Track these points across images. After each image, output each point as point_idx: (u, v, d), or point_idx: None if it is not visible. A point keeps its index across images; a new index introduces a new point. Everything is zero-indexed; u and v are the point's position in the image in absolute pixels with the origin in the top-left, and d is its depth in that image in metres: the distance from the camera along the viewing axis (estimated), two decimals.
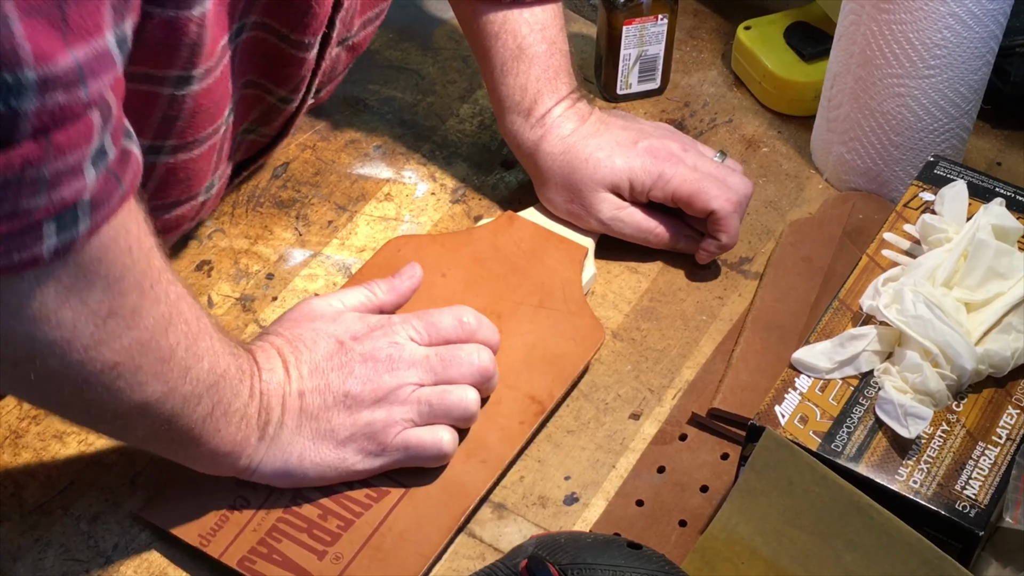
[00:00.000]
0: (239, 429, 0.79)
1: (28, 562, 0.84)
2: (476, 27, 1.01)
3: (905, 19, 0.96)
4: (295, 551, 0.82)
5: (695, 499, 0.88)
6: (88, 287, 0.65)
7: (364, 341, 0.86)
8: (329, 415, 0.83)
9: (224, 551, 0.82)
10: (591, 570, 0.73)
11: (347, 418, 0.83)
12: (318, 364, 0.84)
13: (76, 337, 0.66)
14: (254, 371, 0.81)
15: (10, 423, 0.90)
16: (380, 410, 0.84)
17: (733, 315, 0.99)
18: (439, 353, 0.87)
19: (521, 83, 1.00)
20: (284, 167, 1.09)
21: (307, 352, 0.84)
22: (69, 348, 0.67)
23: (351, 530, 0.83)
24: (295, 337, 0.85)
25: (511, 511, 0.87)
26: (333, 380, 0.84)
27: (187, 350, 0.74)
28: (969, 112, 1.02)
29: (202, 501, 0.84)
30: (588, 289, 1.00)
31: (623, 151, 0.99)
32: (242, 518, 0.84)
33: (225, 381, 0.77)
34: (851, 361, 0.83)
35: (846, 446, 0.80)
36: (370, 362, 0.85)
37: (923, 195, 0.94)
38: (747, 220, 1.06)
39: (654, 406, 0.94)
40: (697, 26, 1.23)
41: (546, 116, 1.00)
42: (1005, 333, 0.83)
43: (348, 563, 0.82)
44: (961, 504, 0.77)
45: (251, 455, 0.81)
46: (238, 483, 0.84)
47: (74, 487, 0.88)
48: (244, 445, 0.80)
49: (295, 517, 0.84)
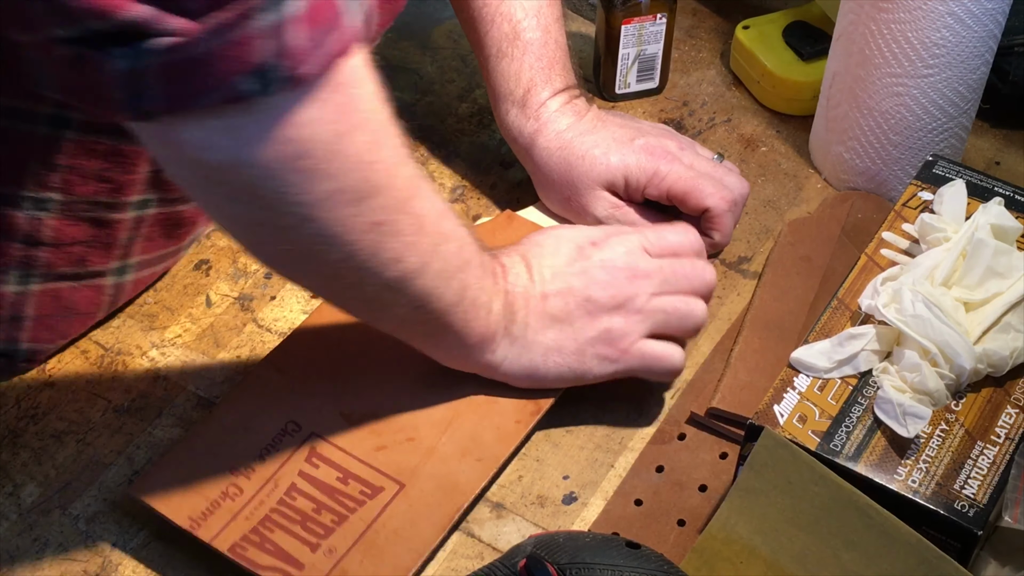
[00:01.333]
0: (487, 322, 0.83)
1: (26, 562, 0.84)
2: (472, 12, 1.01)
3: (904, 18, 0.96)
4: (288, 542, 0.82)
5: (694, 498, 0.88)
6: (351, 129, 0.68)
7: (603, 247, 0.89)
8: (571, 318, 0.86)
9: (215, 536, 0.82)
10: (590, 569, 0.73)
11: (588, 322, 0.87)
12: (560, 269, 0.87)
13: (347, 182, 0.69)
14: (498, 270, 0.85)
15: (8, 422, 0.90)
16: (618, 316, 0.87)
17: (732, 314, 0.99)
18: (672, 265, 0.90)
19: (515, 69, 1.00)
20: None
21: (550, 257, 0.88)
22: (340, 196, 0.70)
23: (345, 525, 0.83)
24: (537, 243, 0.89)
25: (509, 510, 0.87)
26: (575, 284, 0.87)
27: (435, 224, 0.77)
28: (968, 111, 1.02)
29: (194, 485, 0.84)
30: None
31: (619, 148, 0.99)
32: (234, 505, 0.84)
33: (471, 268, 0.81)
34: (850, 360, 0.83)
35: (845, 445, 0.80)
36: (609, 268, 0.88)
37: (922, 194, 0.94)
38: (745, 219, 1.06)
39: (653, 405, 0.94)
40: (696, 25, 1.23)
41: (541, 108, 1.00)
42: (1004, 332, 0.83)
43: (341, 557, 0.82)
44: (960, 503, 0.77)
45: (496, 350, 0.85)
46: (232, 470, 0.84)
47: (72, 487, 0.88)
48: (491, 339, 0.84)
49: (289, 509, 0.84)
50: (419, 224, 0.76)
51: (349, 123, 0.68)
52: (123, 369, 0.94)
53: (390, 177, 0.73)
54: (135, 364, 0.94)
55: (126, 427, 0.91)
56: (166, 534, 0.84)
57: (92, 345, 0.95)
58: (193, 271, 1.01)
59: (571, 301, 0.87)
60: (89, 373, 0.94)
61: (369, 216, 0.72)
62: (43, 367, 0.94)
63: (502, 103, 1.01)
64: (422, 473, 0.86)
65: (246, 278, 1.01)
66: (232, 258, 1.02)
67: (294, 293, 1.00)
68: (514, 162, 1.09)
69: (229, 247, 1.03)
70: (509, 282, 0.86)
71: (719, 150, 1.04)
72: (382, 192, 0.72)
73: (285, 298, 0.99)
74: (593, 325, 0.87)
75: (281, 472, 0.85)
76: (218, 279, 1.01)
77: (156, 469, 0.85)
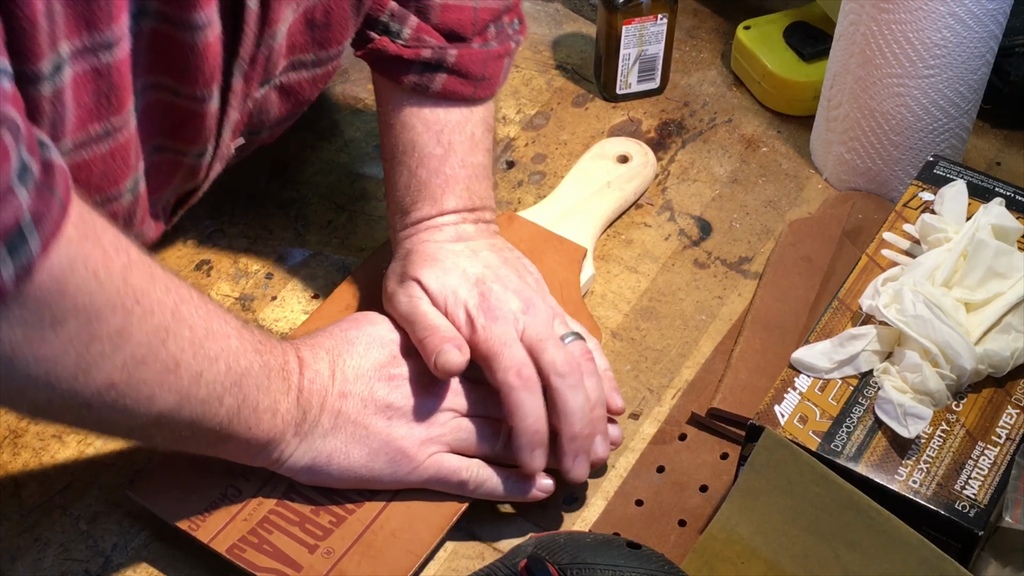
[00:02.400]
0: (272, 424, 0.79)
1: (27, 562, 0.84)
2: (379, 108, 0.95)
3: (905, 19, 0.96)
4: (286, 543, 0.82)
5: (694, 499, 0.88)
6: (58, 320, 0.64)
7: (416, 358, 0.85)
8: (367, 422, 0.83)
9: (213, 537, 0.82)
10: (590, 570, 0.73)
11: (384, 429, 0.83)
12: (365, 371, 0.84)
13: (59, 368, 0.66)
14: (292, 366, 0.81)
15: (9, 422, 0.90)
16: (419, 428, 0.84)
17: (732, 315, 0.99)
18: (483, 387, 0.86)
19: (404, 182, 0.92)
20: (284, 167, 1.09)
21: (358, 358, 0.84)
22: (56, 380, 0.66)
23: (343, 526, 0.83)
24: (348, 340, 0.85)
25: (510, 511, 0.87)
26: (377, 390, 0.84)
27: (195, 355, 0.73)
28: (969, 112, 1.02)
29: (192, 487, 0.84)
30: (586, 290, 1.00)
31: (464, 278, 0.88)
32: (233, 507, 0.84)
33: (249, 378, 0.77)
34: (850, 361, 0.83)
35: (845, 446, 0.80)
36: (417, 381, 0.85)
37: (923, 195, 0.94)
38: (746, 219, 1.06)
39: (653, 406, 0.94)
40: (697, 26, 1.23)
41: (423, 222, 0.92)
42: (1004, 333, 0.83)
43: (339, 558, 0.82)
44: (961, 504, 0.77)
45: (283, 449, 0.81)
46: (231, 472, 0.84)
47: (73, 487, 0.88)
48: (278, 440, 0.80)
49: (287, 510, 0.84)
50: (173, 364, 0.71)
51: (61, 316, 0.64)
52: None
53: (123, 339, 0.68)
54: None
55: None
56: (167, 534, 0.84)
57: None
58: (194, 271, 1.01)
59: (371, 406, 0.83)
60: None
61: (102, 379, 0.68)
62: None
63: (389, 204, 0.94)
64: None
65: (247, 278, 1.01)
66: (233, 258, 1.02)
67: (295, 293, 1.00)
68: (515, 163, 1.09)
69: (230, 248, 1.03)
70: (306, 379, 0.81)
71: (576, 332, 0.88)
72: (113, 356, 0.68)
73: (286, 298, 0.99)
74: (388, 432, 0.83)
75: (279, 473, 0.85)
76: (219, 279, 1.01)
77: (155, 471, 0.85)
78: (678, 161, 1.11)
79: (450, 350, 0.83)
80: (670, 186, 1.09)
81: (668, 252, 1.04)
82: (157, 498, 0.84)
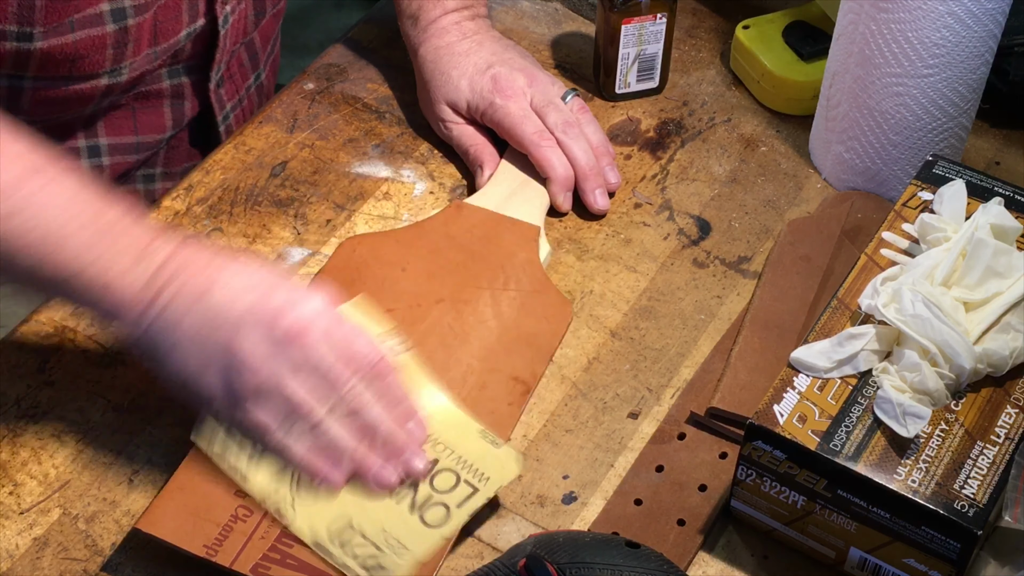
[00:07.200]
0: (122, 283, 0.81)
1: (26, 561, 0.84)
2: None
3: (904, 18, 0.96)
4: (308, 555, 0.81)
5: (693, 498, 0.88)
6: None
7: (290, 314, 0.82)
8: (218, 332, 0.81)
9: (234, 559, 0.81)
10: (589, 569, 0.73)
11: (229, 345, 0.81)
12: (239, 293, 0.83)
13: None
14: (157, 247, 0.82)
15: (8, 422, 0.90)
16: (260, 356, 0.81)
17: (732, 314, 0.99)
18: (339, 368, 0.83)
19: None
20: (282, 166, 1.09)
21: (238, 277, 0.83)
22: None
23: None
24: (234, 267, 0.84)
25: (509, 510, 0.87)
26: None
27: None
28: (968, 111, 1.02)
29: (202, 512, 0.83)
30: (545, 265, 1.01)
31: (473, 74, 1.07)
32: (247, 527, 0.82)
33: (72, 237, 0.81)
34: (850, 360, 0.83)
35: (844, 445, 0.80)
36: None
37: (922, 194, 0.94)
38: (745, 219, 1.06)
39: (652, 405, 0.94)
40: (696, 25, 1.23)
41: (430, 25, 1.09)
42: (1003, 332, 0.83)
43: None
44: (960, 503, 0.77)
45: (138, 322, 0.82)
46: (237, 493, 0.83)
47: (72, 486, 0.88)
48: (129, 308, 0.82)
49: None
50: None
51: None
52: (123, 369, 0.94)
53: None
54: (135, 364, 0.94)
55: (126, 426, 0.91)
56: (179, 559, 0.84)
57: (92, 345, 0.95)
58: None
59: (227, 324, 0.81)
60: (89, 373, 0.94)
61: None
62: (43, 366, 0.94)
63: (400, 16, 1.11)
64: None
65: None
66: None
67: None
68: None
69: (229, 247, 1.03)
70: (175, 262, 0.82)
71: (573, 87, 1.09)
72: None
73: None
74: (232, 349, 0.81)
75: None
76: None
77: (161, 501, 0.84)
78: (677, 160, 1.11)
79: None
80: (669, 185, 1.09)
81: (667, 251, 1.04)
82: (169, 529, 0.82)
